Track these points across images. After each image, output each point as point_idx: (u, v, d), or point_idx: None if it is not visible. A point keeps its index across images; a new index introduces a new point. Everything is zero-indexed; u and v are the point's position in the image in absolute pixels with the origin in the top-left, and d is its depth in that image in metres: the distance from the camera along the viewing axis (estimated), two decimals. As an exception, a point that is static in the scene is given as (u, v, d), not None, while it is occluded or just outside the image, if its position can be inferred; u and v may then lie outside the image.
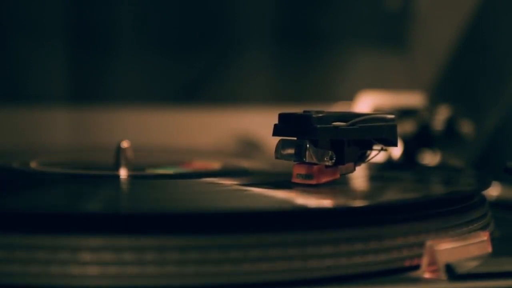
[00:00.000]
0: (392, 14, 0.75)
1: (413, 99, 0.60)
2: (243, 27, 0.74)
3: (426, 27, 0.74)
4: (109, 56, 0.71)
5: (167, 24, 0.73)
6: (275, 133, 0.37)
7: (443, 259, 0.31)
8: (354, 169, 0.38)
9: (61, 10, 0.70)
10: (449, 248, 0.32)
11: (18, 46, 0.70)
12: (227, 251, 0.29)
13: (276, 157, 0.37)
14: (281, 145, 0.37)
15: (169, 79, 0.73)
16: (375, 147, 0.38)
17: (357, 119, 0.36)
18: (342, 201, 0.35)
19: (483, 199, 0.39)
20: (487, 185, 0.39)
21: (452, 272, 0.31)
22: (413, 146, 0.56)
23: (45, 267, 0.28)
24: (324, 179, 0.37)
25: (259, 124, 0.60)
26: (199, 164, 0.49)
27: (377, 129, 0.37)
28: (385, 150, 0.39)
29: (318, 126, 0.35)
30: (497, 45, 0.67)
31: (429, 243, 0.32)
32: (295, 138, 0.36)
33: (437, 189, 0.42)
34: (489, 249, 0.34)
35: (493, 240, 0.35)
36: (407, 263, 0.32)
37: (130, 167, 0.43)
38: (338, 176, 0.37)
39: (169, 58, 0.73)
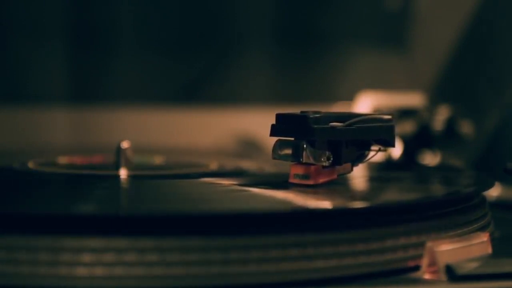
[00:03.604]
0: (392, 14, 0.75)
1: (413, 99, 0.60)
2: (243, 27, 0.74)
3: (426, 27, 0.74)
4: (109, 56, 0.71)
5: (167, 24, 0.73)
6: (272, 134, 0.37)
7: (443, 260, 0.31)
8: (352, 170, 0.38)
9: (61, 10, 0.70)
10: (449, 249, 0.32)
11: (18, 46, 0.70)
12: (224, 252, 0.29)
13: (273, 158, 0.37)
14: (278, 146, 0.37)
15: (169, 79, 0.73)
16: (373, 147, 0.38)
17: (354, 120, 0.36)
18: (341, 202, 0.35)
19: (483, 200, 0.39)
20: (488, 186, 0.39)
21: (452, 273, 0.31)
22: (413, 146, 0.56)
23: (44, 268, 0.28)
24: (321, 180, 0.37)
25: (259, 124, 0.60)
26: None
27: (375, 130, 0.37)
28: (383, 150, 0.39)
29: (315, 126, 0.35)
30: (497, 45, 0.67)
31: (429, 244, 0.32)
32: (292, 139, 0.36)
33: (437, 189, 0.42)
34: (489, 250, 0.34)
35: (493, 240, 0.35)
36: (407, 264, 0.32)
37: (130, 167, 0.43)
38: (335, 176, 0.37)
39: (169, 58, 0.73)
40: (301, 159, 0.36)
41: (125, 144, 0.43)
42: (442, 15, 0.73)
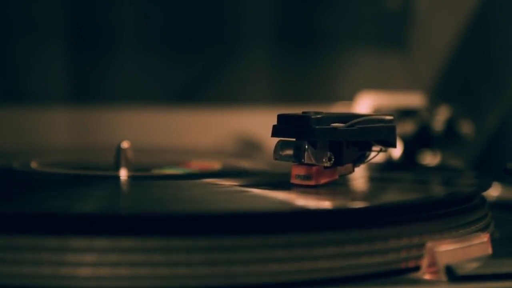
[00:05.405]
0: (392, 14, 0.75)
1: (413, 99, 0.60)
2: (243, 27, 0.74)
3: (426, 27, 0.74)
4: (109, 56, 0.71)
5: (168, 24, 0.73)
6: (273, 134, 0.37)
7: (443, 261, 0.31)
8: (353, 170, 0.38)
9: (61, 10, 0.70)
10: (449, 250, 0.32)
11: (18, 46, 0.70)
12: (223, 252, 0.29)
13: (275, 158, 0.37)
14: (280, 146, 0.37)
15: (169, 79, 0.73)
16: (374, 148, 0.38)
17: (355, 120, 0.36)
18: (341, 203, 0.35)
19: (483, 200, 0.39)
20: (487, 186, 0.39)
21: (452, 274, 0.31)
22: (413, 147, 0.56)
23: (43, 268, 0.28)
24: (322, 180, 0.37)
25: (259, 124, 0.60)
26: (199, 164, 0.49)
27: (376, 130, 0.37)
28: (384, 151, 0.39)
29: (317, 127, 0.35)
30: (497, 45, 0.67)
31: (429, 244, 0.32)
32: (293, 139, 0.36)
33: (437, 190, 0.42)
34: (489, 250, 0.34)
35: (493, 241, 0.35)
36: (407, 264, 0.32)
37: (130, 168, 0.43)
38: (336, 177, 0.37)
39: (169, 58, 0.73)
40: (303, 160, 0.36)
41: (125, 144, 0.43)
42: (442, 15, 0.73)
